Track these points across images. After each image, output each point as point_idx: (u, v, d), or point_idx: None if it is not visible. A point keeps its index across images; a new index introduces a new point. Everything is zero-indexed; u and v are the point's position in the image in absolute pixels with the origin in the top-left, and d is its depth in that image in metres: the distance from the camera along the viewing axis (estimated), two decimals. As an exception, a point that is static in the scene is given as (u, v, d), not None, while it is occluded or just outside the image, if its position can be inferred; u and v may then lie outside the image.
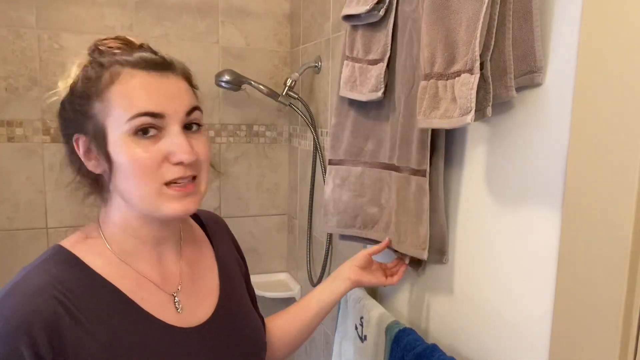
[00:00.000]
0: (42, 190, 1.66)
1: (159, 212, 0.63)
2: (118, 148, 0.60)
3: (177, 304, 0.69)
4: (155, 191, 0.61)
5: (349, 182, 1.05)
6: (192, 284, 0.73)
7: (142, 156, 0.60)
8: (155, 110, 0.60)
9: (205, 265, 0.77)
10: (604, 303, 0.60)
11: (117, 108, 0.60)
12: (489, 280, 0.82)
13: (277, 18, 1.89)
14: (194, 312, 0.70)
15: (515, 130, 0.75)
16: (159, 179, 0.61)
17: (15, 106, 1.60)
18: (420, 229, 0.88)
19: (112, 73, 0.61)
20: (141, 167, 0.60)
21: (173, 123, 0.62)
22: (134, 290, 0.65)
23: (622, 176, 0.57)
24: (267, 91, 1.69)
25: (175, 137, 0.61)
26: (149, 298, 0.66)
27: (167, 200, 0.62)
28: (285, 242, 2.03)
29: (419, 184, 0.88)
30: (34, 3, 1.58)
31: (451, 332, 0.92)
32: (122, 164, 0.61)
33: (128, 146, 0.60)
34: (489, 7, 0.66)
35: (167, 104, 0.61)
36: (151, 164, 0.60)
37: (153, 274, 0.68)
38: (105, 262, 0.65)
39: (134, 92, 0.60)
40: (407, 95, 0.91)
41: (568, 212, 0.65)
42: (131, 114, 0.59)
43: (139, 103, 0.60)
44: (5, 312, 0.56)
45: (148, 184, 0.61)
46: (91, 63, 0.63)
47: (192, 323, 0.69)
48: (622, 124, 0.57)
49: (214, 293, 0.75)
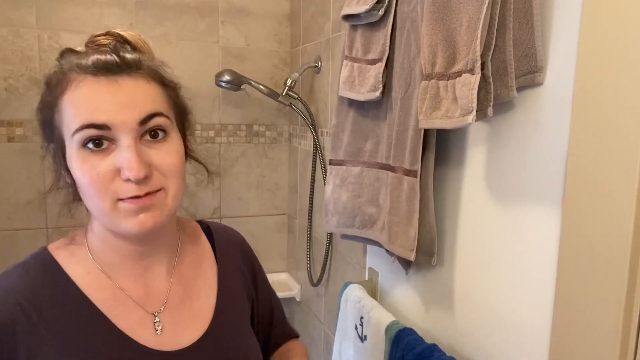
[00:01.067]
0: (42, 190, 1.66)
1: (117, 228, 0.58)
2: (72, 162, 0.56)
3: (157, 324, 0.63)
4: (109, 207, 0.56)
5: (348, 182, 1.05)
6: (181, 303, 0.66)
7: (90, 172, 0.55)
8: (98, 121, 0.54)
9: (201, 286, 0.70)
10: (604, 303, 0.60)
11: (67, 118, 0.55)
12: (489, 280, 0.82)
13: (277, 18, 1.89)
14: (177, 335, 0.64)
15: (515, 130, 0.75)
16: (110, 195, 0.56)
17: (15, 106, 1.60)
18: (410, 230, 0.88)
19: (65, 80, 0.56)
20: (91, 184, 0.55)
21: (123, 135, 0.55)
22: (109, 305, 0.60)
23: (622, 176, 0.57)
24: (267, 91, 1.69)
25: (124, 151, 0.55)
26: (125, 315, 0.61)
27: (123, 216, 0.57)
28: (285, 242, 2.03)
29: (410, 184, 0.88)
30: (34, 3, 1.58)
31: (451, 332, 0.92)
32: (77, 179, 0.57)
33: (78, 160, 0.55)
34: (489, 7, 0.66)
35: (113, 113, 0.54)
36: (100, 180, 0.55)
37: (134, 289, 0.63)
38: (84, 271, 0.61)
39: (79, 101, 0.55)
40: (403, 95, 0.92)
41: (568, 212, 0.65)
42: (75, 126, 0.54)
43: (83, 114, 0.54)
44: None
45: (101, 200, 0.56)
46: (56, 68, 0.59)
47: (173, 347, 0.62)
48: (622, 124, 0.57)
49: (207, 316, 0.68)
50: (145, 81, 0.58)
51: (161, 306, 0.65)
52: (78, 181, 0.57)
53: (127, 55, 0.57)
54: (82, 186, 0.57)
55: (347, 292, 1.16)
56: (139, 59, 0.58)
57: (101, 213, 0.58)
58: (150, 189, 0.57)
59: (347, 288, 1.18)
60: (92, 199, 0.57)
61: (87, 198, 0.58)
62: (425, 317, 1.01)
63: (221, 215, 1.88)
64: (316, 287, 1.67)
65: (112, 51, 0.57)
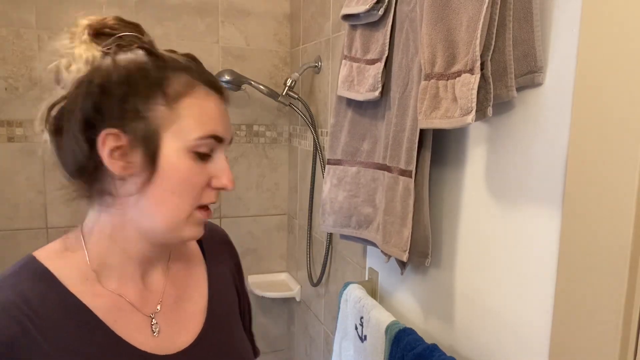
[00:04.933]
0: (42, 190, 1.66)
1: (176, 235, 0.60)
2: (172, 161, 0.56)
3: (154, 326, 0.62)
4: (188, 213, 0.58)
5: (345, 182, 1.05)
6: (176, 305, 0.66)
7: (193, 175, 0.57)
8: (222, 135, 0.59)
9: (193, 286, 0.70)
10: (604, 303, 0.60)
11: (188, 122, 0.56)
12: (489, 281, 0.82)
13: (277, 18, 1.89)
14: (173, 338, 0.63)
15: (515, 130, 0.75)
16: (197, 200, 0.59)
17: (15, 106, 1.60)
18: (404, 230, 0.88)
19: (184, 82, 0.57)
20: (190, 185, 0.57)
21: (222, 148, 0.60)
22: (107, 311, 0.59)
23: (622, 176, 0.57)
24: (267, 91, 1.69)
25: (222, 162, 0.60)
26: (123, 320, 0.60)
27: (192, 224, 0.59)
28: (285, 242, 2.03)
29: (405, 184, 0.88)
30: (34, 3, 1.58)
31: (451, 332, 0.92)
32: (170, 177, 0.56)
33: (184, 162, 0.56)
34: (489, 7, 0.66)
35: (227, 131, 0.60)
36: (199, 184, 0.58)
37: (132, 292, 0.62)
38: (81, 279, 0.59)
39: (210, 113, 0.58)
40: (401, 95, 0.92)
41: (568, 212, 0.65)
42: (203, 133, 0.57)
43: (213, 126, 0.58)
44: None
45: (186, 203, 0.58)
46: (149, 54, 0.58)
47: (170, 350, 0.62)
48: (622, 124, 0.57)
49: (199, 317, 0.67)
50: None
51: (157, 308, 0.64)
52: (171, 179, 0.56)
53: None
54: (175, 184, 0.57)
55: (347, 292, 1.16)
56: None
57: (170, 217, 0.58)
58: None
59: (347, 288, 1.18)
60: (179, 199, 0.57)
61: (168, 196, 0.57)
62: (425, 317, 1.01)
63: (221, 215, 1.88)
64: (316, 287, 1.67)
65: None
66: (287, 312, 2.05)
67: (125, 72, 0.55)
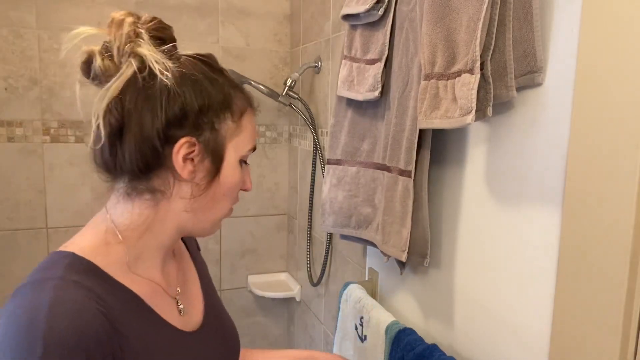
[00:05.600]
0: (42, 190, 1.66)
1: (214, 228, 0.69)
2: (231, 169, 0.65)
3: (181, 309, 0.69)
4: (227, 211, 0.69)
5: (345, 182, 1.05)
6: (184, 287, 0.73)
7: (240, 180, 0.67)
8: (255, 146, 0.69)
9: (188, 269, 0.78)
10: (604, 303, 0.60)
11: (245, 136, 0.66)
12: (489, 281, 0.82)
13: (277, 18, 1.89)
14: (192, 316, 0.71)
15: (515, 130, 0.75)
16: (236, 200, 0.69)
17: (15, 106, 1.60)
18: (403, 231, 0.88)
19: (242, 99, 0.66)
20: (237, 189, 0.67)
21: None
22: (150, 296, 0.64)
23: (622, 176, 0.57)
24: (267, 91, 1.69)
25: (247, 169, 0.70)
26: (161, 304, 0.66)
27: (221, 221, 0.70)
28: (285, 242, 2.03)
29: (405, 184, 0.88)
30: (34, 3, 1.58)
31: (451, 332, 0.92)
32: (227, 183, 0.65)
33: (237, 170, 0.66)
34: (489, 7, 0.66)
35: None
36: (238, 188, 0.68)
37: (158, 278, 0.67)
38: (122, 270, 0.62)
39: (255, 127, 0.69)
40: (401, 95, 0.92)
41: (568, 212, 0.65)
42: (252, 145, 0.67)
43: (254, 138, 0.68)
44: (57, 333, 0.51)
45: (231, 203, 0.68)
46: (214, 69, 0.65)
47: (192, 327, 0.70)
48: (622, 124, 0.57)
49: (200, 297, 0.76)
50: None
51: (177, 290, 0.71)
52: (227, 185, 0.65)
53: None
54: (228, 189, 0.66)
55: (347, 292, 1.16)
56: None
57: (219, 214, 0.67)
58: None
59: (347, 288, 1.18)
60: (225, 201, 0.67)
61: (221, 199, 0.66)
62: (425, 317, 1.01)
63: (221, 215, 1.88)
64: (316, 287, 1.67)
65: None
66: (287, 312, 2.05)
67: (202, 84, 0.60)
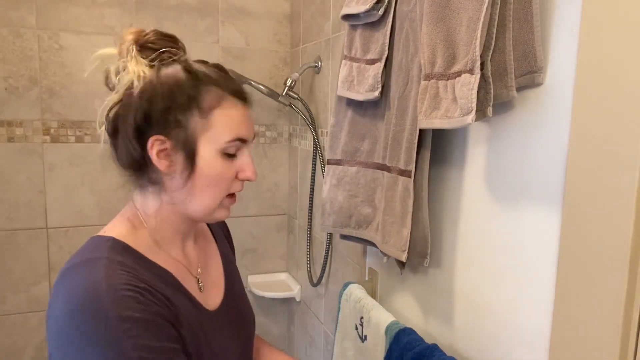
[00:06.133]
0: (42, 190, 1.66)
1: (211, 216, 0.73)
2: (207, 160, 0.69)
3: (201, 286, 0.77)
4: (220, 200, 0.72)
5: (345, 182, 1.05)
6: (204, 269, 0.81)
7: (224, 171, 0.70)
8: (245, 137, 0.71)
9: (210, 254, 0.85)
10: (604, 303, 0.60)
11: (218, 129, 0.69)
12: (489, 281, 0.82)
13: (277, 18, 1.89)
14: (211, 295, 0.78)
15: (515, 130, 0.75)
16: (226, 191, 0.72)
17: (15, 106, 1.60)
18: (403, 231, 0.88)
19: (214, 95, 0.69)
20: (221, 180, 0.70)
21: (248, 147, 0.73)
22: (177, 273, 0.72)
23: (622, 176, 0.57)
24: (267, 91, 1.69)
25: (247, 158, 0.73)
26: (186, 280, 0.74)
27: (221, 208, 0.73)
28: (285, 242, 2.03)
29: (405, 184, 0.88)
30: (34, 3, 1.58)
31: (451, 332, 0.92)
32: (206, 175, 0.69)
33: (217, 161, 0.69)
34: (489, 7, 0.66)
35: (250, 132, 0.73)
36: (227, 178, 0.71)
37: (181, 258, 0.76)
38: (152, 250, 0.71)
39: (235, 120, 0.70)
40: (401, 95, 0.92)
41: (568, 212, 0.65)
42: (231, 137, 0.69)
43: (238, 130, 0.70)
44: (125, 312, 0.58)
45: (219, 193, 0.71)
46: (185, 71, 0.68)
47: (211, 306, 0.77)
48: (622, 124, 0.57)
49: (221, 279, 0.83)
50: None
51: (198, 270, 0.79)
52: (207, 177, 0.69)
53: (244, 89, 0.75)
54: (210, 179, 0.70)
55: (347, 292, 1.16)
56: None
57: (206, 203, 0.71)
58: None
59: (347, 288, 1.18)
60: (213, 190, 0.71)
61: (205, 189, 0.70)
62: (425, 317, 1.01)
63: (221, 215, 1.88)
64: (316, 287, 1.67)
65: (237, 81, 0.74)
66: (287, 312, 2.05)
67: (167, 88, 0.67)
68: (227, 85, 0.71)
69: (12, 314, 1.68)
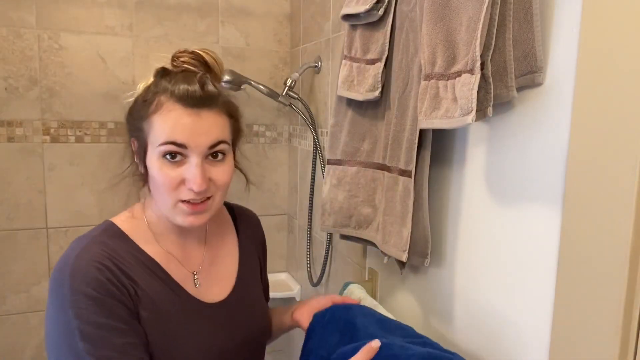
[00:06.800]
0: (42, 190, 1.66)
1: (173, 220, 0.77)
2: (152, 163, 0.74)
3: (196, 280, 0.82)
4: (171, 204, 0.75)
5: (345, 182, 1.05)
6: (211, 267, 0.85)
7: (164, 176, 0.72)
8: (179, 141, 0.71)
9: (225, 253, 0.89)
10: (604, 303, 0.60)
11: (155, 132, 0.72)
12: (489, 280, 0.82)
13: (277, 18, 1.89)
14: (210, 291, 0.83)
15: (515, 130, 0.75)
16: (175, 195, 0.74)
17: (15, 106, 1.60)
18: (403, 230, 0.88)
19: (158, 102, 0.73)
20: (163, 184, 0.73)
21: (194, 154, 0.72)
22: (165, 263, 0.79)
23: (622, 176, 0.57)
24: (267, 91, 1.69)
25: (193, 167, 0.72)
26: (176, 271, 0.80)
27: (179, 214, 0.75)
28: (285, 242, 2.03)
29: (405, 184, 0.88)
30: (34, 3, 1.58)
31: (451, 332, 0.92)
32: (152, 176, 0.74)
33: (157, 165, 0.73)
34: (489, 7, 0.66)
35: (191, 137, 0.71)
36: (170, 184, 0.73)
37: (178, 254, 0.82)
38: (145, 240, 0.79)
39: (169, 123, 0.72)
40: (401, 95, 0.91)
41: (568, 212, 0.65)
42: (162, 140, 0.71)
43: (170, 133, 0.71)
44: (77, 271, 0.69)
45: (167, 198, 0.74)
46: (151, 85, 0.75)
47: (209, 300, 0.81)
48: (622, 124, 0.57)
49: (232, 278, 0.87)
50: (218, 114, 0.75)
51: (197, 268, 0.83)
52: (153, 178, 0.74)
53: (210, 89, 0.74)
54: (155, 182, 0.74)
55: (347, 292, 1.16)
56: (217, 94, 0.75)
57: (164, 205, 0.76)
58: (209, 194, 0.75)
59: (347, 288, 1.18)
60: (161, 194, 0.74)
61: (156, 190, 0.75)
62: (425, 317, 1.01)
63: (221, 215, 1.88)
64: (316, 287, 1.67)
65: (199, 83, 0.73)
66: (287, 312, 2.05)
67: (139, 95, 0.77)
68: (173, 90, 0.73)
69: (12, 314, 1.68)
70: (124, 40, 1.68)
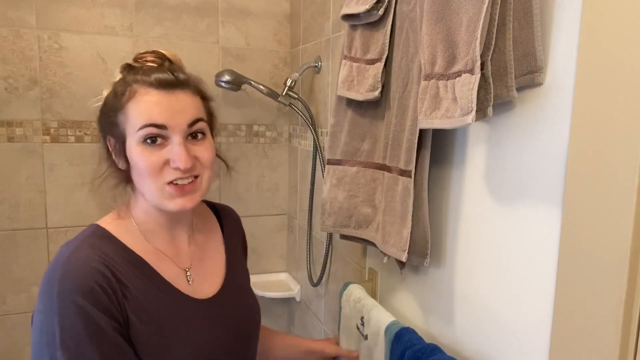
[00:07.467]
0: (42, 190, 1.66)
1: (163, 206, 0.76)
2: (132, 151, 0.73)
3: (189, 277, 0.82)
4: (158, 188, 0.74)
5: (345, 182, 1.05)
6: (200, 263, 0.86)
7: (147, 159, 0.72)
8: (158, 122, 0.72)
9: (213, 248, 0.90)
10: (604, 303, 0.60)
11: (132, 119, 0.73)
12: (489, 281, 0.82)
13: (277, 18, 1.89)
14: (202, 287, 0.83)
15: (515, 130, 0.75)
16: (160, 179, 0.73)
17: (15, 106, 1.60)
18: (403, 230, 0.88)
19: (131, 91, 0.73)
20: (147, 168, 0.73)
21: (175, 134, 0.73)
22: (155, 262, 0.78)
23: (622, 176, 0.57)
24: (267, 91, 1.69)
25: (175, 147, 0.73)
26: (167, 270, 0.79)
27: (169, 197, 0.75)
28: (285, 242, 2.03)
29: (405, 184, 0.88)
30: (34, 3, 1.58)
31: (451, 332, 0.92)
32: (135, 165, 0.74)
33: (138, 150, 0.73)
34: (489, 7, 0.66)
35: (170, 117, 0.72)
36: (154, 166, 0.73)
37: (168, 251, 0.82)
38: (133, 240, 0.78)
39: (144, 106, 0.72)
40: (401, 95, 0.91)
41: (568, 212, 0.65)
42: (140, 124, 0.72)
43: (147, 116, 0.72)
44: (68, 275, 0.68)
45: (153, 182, 0.74)
46: (120, 80, 0.76)
47: (201, 296, 0.82)
48: (622, 124, 0.57)
49: (221, 273, 0.88)
50: (192, 94, 0.77)
51: (188, 264, 0.84)
52: (136, 166, 0.74)
53: (180, 75, 0.76)
54: (139, 170, 0.74)
55: (347, 292, 1.16)
56: (188, 78, 0.77)
57: (151, 191, 0.75)
58: (195, 173, 0.76)
59: (347, 288, 1.18)
60: (146, 180, 0.74)
61: (141, 180, 0.75)
62: (425, 317, 1.01)
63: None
64: (316, 287, 1.67)
65: (169, 71, 0.76)
66: (287, 312, 2.05)
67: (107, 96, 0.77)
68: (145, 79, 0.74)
69: (12, 314, 1.68)
70: (124, 40, 1.68)
